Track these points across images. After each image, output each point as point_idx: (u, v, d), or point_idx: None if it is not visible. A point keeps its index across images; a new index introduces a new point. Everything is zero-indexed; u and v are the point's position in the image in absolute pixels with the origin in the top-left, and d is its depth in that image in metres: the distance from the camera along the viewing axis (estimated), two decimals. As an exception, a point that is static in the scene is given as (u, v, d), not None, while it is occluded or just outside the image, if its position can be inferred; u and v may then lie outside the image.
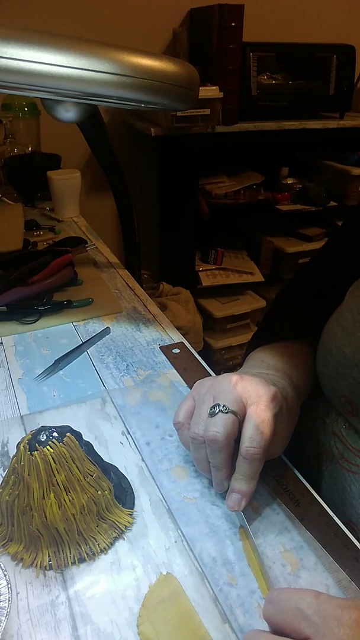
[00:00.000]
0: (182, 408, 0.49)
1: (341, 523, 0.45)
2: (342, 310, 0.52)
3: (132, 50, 0.48)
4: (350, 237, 0.60)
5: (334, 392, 0.52)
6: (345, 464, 0.52)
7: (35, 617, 0.38)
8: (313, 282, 0.63)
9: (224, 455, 0.44)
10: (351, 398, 0.50)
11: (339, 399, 0.52)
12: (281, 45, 1.80)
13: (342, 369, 0.50)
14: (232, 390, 0.45)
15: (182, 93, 0.52)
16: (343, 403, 0.51)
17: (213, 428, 0.43)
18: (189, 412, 0.48)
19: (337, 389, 0.52)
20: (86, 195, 1.87)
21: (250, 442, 0.43)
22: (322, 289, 0.59)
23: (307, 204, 2.00)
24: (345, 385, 0.50)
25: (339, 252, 0.62)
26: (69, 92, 0.47)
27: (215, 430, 0.43)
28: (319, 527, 0.44)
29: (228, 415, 0.44)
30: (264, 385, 0.46)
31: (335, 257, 0.62)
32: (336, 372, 0.51)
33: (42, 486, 0.40)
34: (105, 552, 0.42)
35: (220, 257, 2.00)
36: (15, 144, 1.41)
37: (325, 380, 0.54)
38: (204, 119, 1.64)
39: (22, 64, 0.44)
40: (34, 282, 0.81)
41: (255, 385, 0.46)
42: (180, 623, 0.37)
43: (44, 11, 1.62)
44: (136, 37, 1.76)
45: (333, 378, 0.52)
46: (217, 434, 0.43)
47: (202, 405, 0.46)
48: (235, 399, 0.45)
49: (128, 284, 0.91)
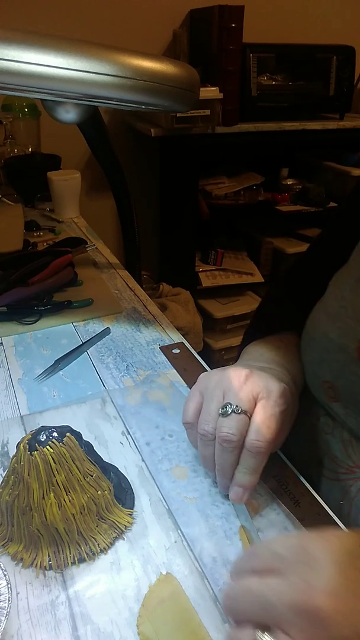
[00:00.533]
0: (189, 407, 0.48)
1: (341, 523, 0.45)
2: (327, 297, 0.53)
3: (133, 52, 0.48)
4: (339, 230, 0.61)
5: (316, 378, 0.53)
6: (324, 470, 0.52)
7: (35, 617, 0.38)
8: (305, 274, 0.64)
9: (235, 456, 0.44)
10: (334, 383, 0.50)
11: (321, 385, 0.52)
12: (281, 46, 1.80)
13: (326, 354, 0.50)
14: (243, 387, 0.45)
15: (182, 95, 0.52)
16: (325, 389, 0.51)
17: (226, 429, 0.43)
18: (197, 410, 0.47)
19: (319, 375, 0.52)
20: (86, 196, 1.87)
21: (257, 435, 0.43)
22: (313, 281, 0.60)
23: (307, 204, 2.00)
24: (329, 371, 0.50)
25: (328, 244, 0.62)
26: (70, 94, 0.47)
27: (228, 432, 0.43)
28: (319, 527, 0.44)
29: (241, 416, 0.44)
30: (274, 382, 0.46)
31: (325, 250, 0.62)
32: (320, 358, 0.51)
33: (42, 486, 0.40)
34: (105, 552, 0.43)
35: (220, 258, 2.00)
36: (16, 144, 1.41)
37: (308, 367, 0.54)
38: (204, 120, 1.64)
39: (23, 66, 0.44)
40: (34, 282, 0.81)
41: (266, 381, 0.46)
42: (180, 623, 0.37)
43: (44, 13, 1.62)
44: (136, 38, 1.76)
45: (316, 364, 0.52)
46: (232, 435, 0.43)
47: (211, 401, 0.46)
48: (246, 397, 0.45)
49: (128, 284, 0.91)
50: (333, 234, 0.63)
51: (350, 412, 0.49)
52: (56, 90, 0.47)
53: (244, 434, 0.44)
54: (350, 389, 0.48)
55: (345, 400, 0.49)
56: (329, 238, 0.63)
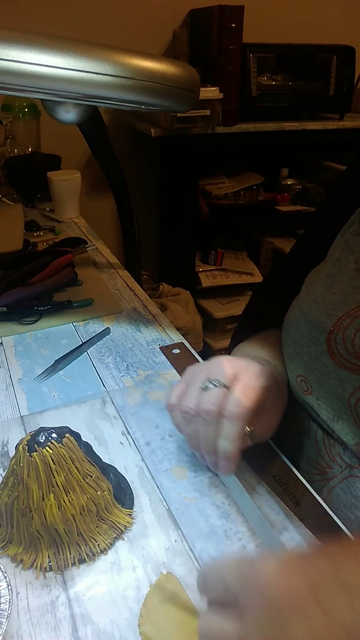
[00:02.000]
0: (174, 391, 0.49)
1: (341, 523, 0.45)
2: (301, 293, 0.55)
3: (133, 53, 0.48)
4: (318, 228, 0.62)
5: (292, 372, 0.54)
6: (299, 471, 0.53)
7: (36, 618, 0.38)
8: (288, 273, 0.66)
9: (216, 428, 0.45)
10: (306, 375, 0.51)
11: (296, 379, 0.53)
12: (281, 46, 1.80)
13: (299, 348, 0.52)
14: (225, 368, 0.47)
15: (182, 95, 0.52)
16: (299, 383, 0.53)
17: (206, 401, 0.45)
18: (181, 394, 0.48)
19: (294, 370, 0.53)
20: (86, 196, 1.87)
21: (234, 402, 0.44)
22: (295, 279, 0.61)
23: (307, 204, 2.00)
24: (301, 364, 0.52)
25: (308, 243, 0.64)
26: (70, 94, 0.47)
27: (208, 403, 0.45)
28: (319, 527, 0.44)
29: (220, 389, 0.45)
30: (254, 363, 0.49)
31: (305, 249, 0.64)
32: (294, 352, 0.53)
33: (41, 487, 0.40)
34: (105, 552, 0.43)
35: (220, 258, 2.00)
36: (16, 144, 1.41)
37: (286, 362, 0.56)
38: (204, 120, 1.64)
39: (23, 66, 0.44)
40: (34, 282, 0.81)
41: (246, 362, 0.48)
42: (182, 623, 0.37)
43: (44, 13, 1.62)
44: (136, 38, 1.76)
45: (291, 358, 0.54)
46: (211, 406, 0.44)
47: (194, 383, 0.47)
48: (227, 374, 0.46)
49: (128, 284, 0.91)
50: (313, 233, 0.65)
51: (322, 403, 0.50)
52: (56, 90, 0.47)
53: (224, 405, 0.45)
54: (320, 379, 0.49)
55: (317, 392, 0.51)
56: (309, 237, 0.65)
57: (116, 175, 1.12)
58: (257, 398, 0.45)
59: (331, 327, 0.48)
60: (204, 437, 0.45)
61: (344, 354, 0.47)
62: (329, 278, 0.50)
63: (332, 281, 0.50)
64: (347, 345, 0.46)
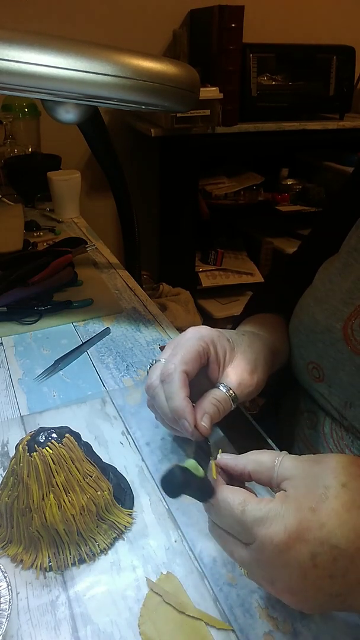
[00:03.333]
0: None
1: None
2: (315, 283, 0.55)
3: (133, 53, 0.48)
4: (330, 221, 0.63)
5: (302, 360, 0.54)
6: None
7: (36, 617, 0.38)
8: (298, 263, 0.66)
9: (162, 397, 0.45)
10: (319, 362, 0.52)
11: (306, 366, 0.54)
12: (281, 46, 1.80)
13: (313, 335, 0.52)
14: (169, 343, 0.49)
15: (182, 95, 0.52)
16: (310, 370, 0.53)
17: (148, 379, 0.47)
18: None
19: (305, 357, 0.54)
20: (86, 196, 1.87)
21: (165, 364, 0.45)
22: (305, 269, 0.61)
23: (307, 204, 2.00)
24: (314, 351, 0.52)
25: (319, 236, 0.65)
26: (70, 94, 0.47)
27: (149, 378, 0.47)
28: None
29: (161, 361, 0.47)
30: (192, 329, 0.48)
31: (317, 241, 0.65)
32: (306, 339, 0.53)
33: (41, 487, 0.40)
34: (105, 552, 0.43)
35: (220, 258, 2.01)
36: (16, 144, 1.41)
37: (295, 350, 0.56)
38: (204, 120, 1.64)
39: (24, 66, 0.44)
40: (34, 282, 0.81)
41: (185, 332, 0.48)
42: (182, 623, 0.37)
43: (45, 14, 1.62)
44: (136, 38, 1.76)
45: (303, 345, 0.54)
46: (151, 381, 0.46)
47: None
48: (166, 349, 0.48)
49: (128, 284, 0.91)
50: (322, 229, 0.65)
51: (333, 390, 0.50)
52: (56, 91, 0.47)
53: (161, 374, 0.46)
54: (334, 366, 0.50)
55: (329, 379, 0.51)
56: (317, 233, 0.66)
57: (116, 175, 1.12)
58: (190, 355, 0.45)
59: (348, 315, 0.48)
60: (159, 410, 0.46)
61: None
62: (346, 267, 0.51)
63: (348, 270, 0.50)
64: None
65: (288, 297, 0.60)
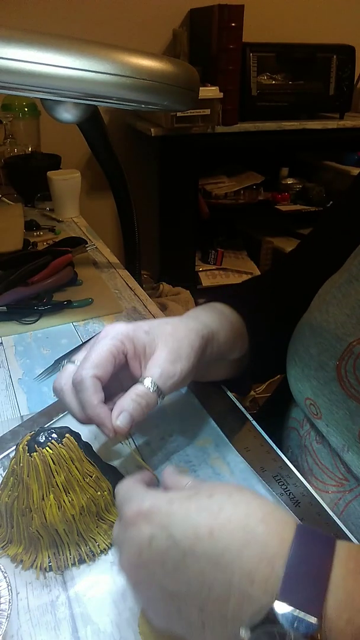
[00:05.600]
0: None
1: (341, 523, 0.45)
2: (312, 309, 0.52)
3: (133, 51, 0.48)
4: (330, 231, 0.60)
5: (300, 394, 0.52)
6: (313, 480, 0.52)
7: (36, 617, 0.38)
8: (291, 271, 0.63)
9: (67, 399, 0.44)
10: (315, 400, 0.49)
11: (304, 401, 0.51)
12: (281, 46, 1.80)
13: (307, 371, 0.49)
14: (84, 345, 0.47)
15: (182, 94, 0.52)
16: (308, 406, 0.51)
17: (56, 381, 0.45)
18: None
19: (302, 392, 0.51)
20: (86, 196, 1.87)
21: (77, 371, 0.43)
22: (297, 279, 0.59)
23: (307, 204, 2.00)
24: (310, 387, 0.49)
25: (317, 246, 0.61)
26: (69, 93, 0.47)
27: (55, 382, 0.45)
28: (319, 527, 0.44)
29: (70, 365, 0.45)
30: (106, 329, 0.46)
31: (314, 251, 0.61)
32: (302, 374, 0.50)
33: (41, 487, 0.40)
34: (105, 552, 0.42)
35: (220, 258, 2.01)
36: (15, 144, 1.41)
37: (292, 382, 0.53)
38: (204, 119, 1.64)
39: (23, 64, 0.44)
40: (34, 282, 0.81)
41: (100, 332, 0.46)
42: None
43: (44, 12, 1.62)
44: (136, 38, 1.76)
45: (299, 380, 0.51)
46: (57, 384, 0.45)
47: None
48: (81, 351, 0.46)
49: (128, 284, 0.91)
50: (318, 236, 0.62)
51: (331, 430, 0.48)
52: (55, 89, 0.47)
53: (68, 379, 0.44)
54: (329, 407, 0.47)
55: (326, 418, 0.48)
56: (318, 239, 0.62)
57: (116, 175, 1.12)
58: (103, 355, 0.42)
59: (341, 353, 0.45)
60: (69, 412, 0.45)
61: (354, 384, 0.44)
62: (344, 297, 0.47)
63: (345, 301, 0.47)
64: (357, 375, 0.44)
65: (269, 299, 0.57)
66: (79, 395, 0.42)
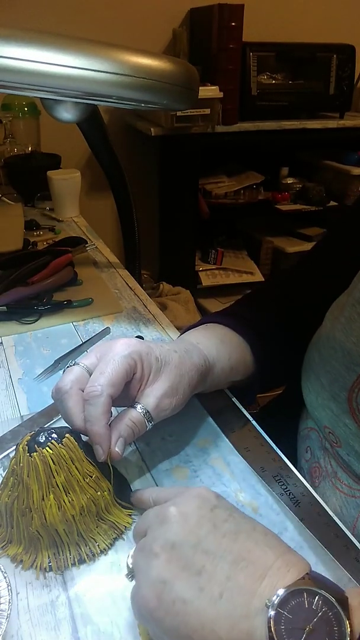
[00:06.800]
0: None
1: (341, 523, 0.45)
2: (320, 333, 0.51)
3: (132, 50, 0.48)
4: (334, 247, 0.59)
5: (318, 422, 0.51)
6: (337, 483, 0.51)
7: (36, 618, 0.38)
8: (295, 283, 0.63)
9: (70, 404, 0.43)
10: (333, 430, 0.48)
11: (323, 429, 0.51)
12: (281, 45, 1.80)
13: (321, 400, 0.49)
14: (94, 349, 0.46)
15: (181, 93, 0.52)
16: (327, 434, 0.50)
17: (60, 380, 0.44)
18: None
19: (320, 419, 0.51)
20: (86, 195, 1.87)
21: (91, 382, 0.42)
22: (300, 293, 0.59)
23: (307, 203, 2.00)
24: (326, 417, 0.49)
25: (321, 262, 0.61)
26: (69, 92, 0.47)
27: (61, 381, 0.44)
28: (319, 527, 0.44)
29: (75, 367, 0.45)
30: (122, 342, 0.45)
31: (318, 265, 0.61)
32: (317, 402, 0.50)
33: (41, 487, 0.40)
34: (105, 552, 0.42)
35: (220, 257, 2.00)
36: (15, 143, 1.41)
37: (310, 409, 0.53)
38: (204, 119, 1.64)
39: (22, 63, 0.44)
40: (34, 282, 0.81)
41: (114, 343, 0.45)
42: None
43: (43, 11, 1.62)
44: (136, 37, 1.76)
45: (315, 407, 0.51)
46: (63, 385, 0.44)
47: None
48: (90, 356, 0.45)
49: (128, 284, 0.91)
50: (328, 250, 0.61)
51: (352, 459, 0.48)
52: (55, 88, 0.46)
53: (78, 384, 0.43)
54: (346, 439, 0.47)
55: (345, 447, 0.48)
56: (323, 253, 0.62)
57: (116, 174, 1.11)
58: (115, 370, 0.42)
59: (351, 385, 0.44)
60: (63, 416, 0.44)
61: None
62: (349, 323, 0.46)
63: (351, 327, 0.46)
64: None
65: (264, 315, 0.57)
66: (89, 408, 0.42)
